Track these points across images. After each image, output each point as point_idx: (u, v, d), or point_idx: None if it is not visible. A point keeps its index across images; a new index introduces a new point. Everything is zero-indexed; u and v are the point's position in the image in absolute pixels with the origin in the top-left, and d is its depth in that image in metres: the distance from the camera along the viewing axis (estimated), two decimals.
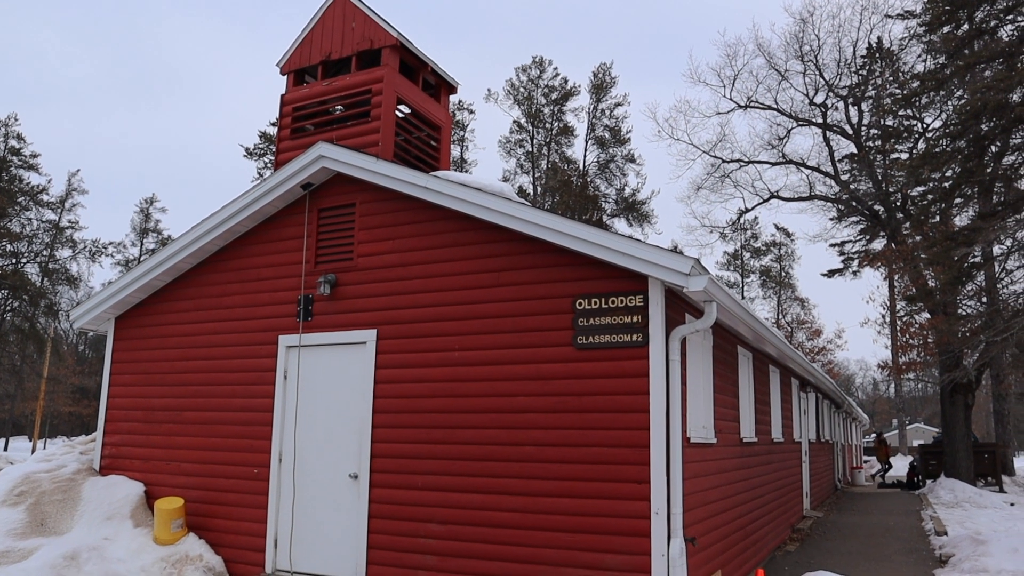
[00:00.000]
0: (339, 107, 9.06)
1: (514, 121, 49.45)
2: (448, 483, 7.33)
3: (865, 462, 41.34)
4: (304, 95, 9.13)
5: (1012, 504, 19.08)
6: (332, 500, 7.98)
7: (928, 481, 24.71)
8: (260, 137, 47.64)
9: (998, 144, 17.69)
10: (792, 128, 30.86)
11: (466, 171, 44.85)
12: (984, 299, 21.84)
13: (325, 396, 8.26)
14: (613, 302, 6.82)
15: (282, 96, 9.26)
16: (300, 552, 8.05)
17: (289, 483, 8.25)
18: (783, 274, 57.87)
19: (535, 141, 49.14)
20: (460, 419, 7.39)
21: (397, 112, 8.90)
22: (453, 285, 7.66)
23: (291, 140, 9.05)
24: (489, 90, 64.12)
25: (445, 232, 7.82)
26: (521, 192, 45.91)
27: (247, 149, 47.57)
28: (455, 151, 49.45)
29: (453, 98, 52.00)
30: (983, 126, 16.94)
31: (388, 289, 8.03)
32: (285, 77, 9.39)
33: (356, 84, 8.79)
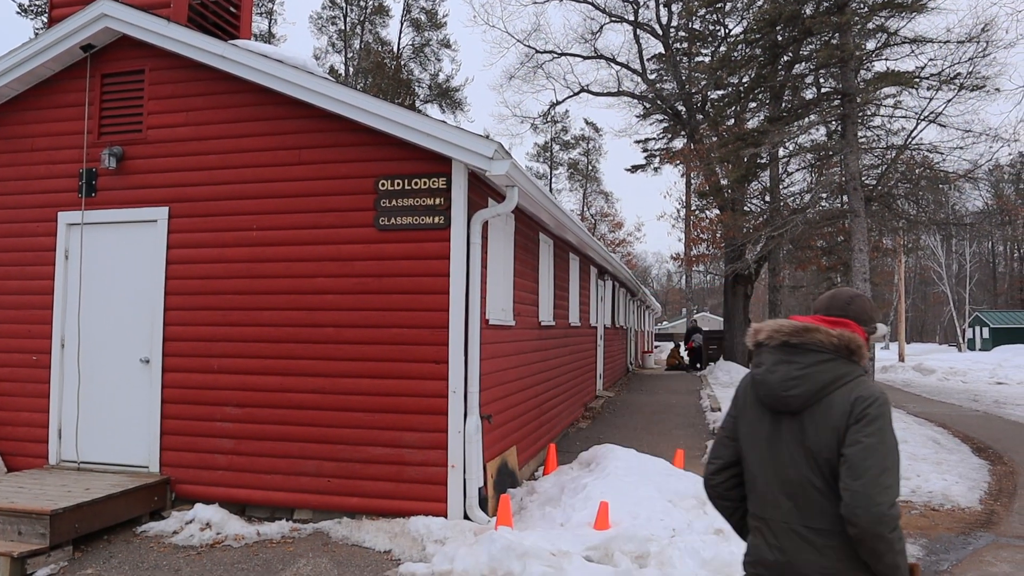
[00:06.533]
0: None
1: None
2: (246, 365, 7.19)
3: (656, 347, 44.52)
4: None
5: None
6: (122, 386, 7.64)
7: (710, 364, 27.07)
8: None
9: (790, 53, 18.84)
10: (605, 23, 31.35)
11: (275, 46, 42.36)
12: (767, 198, 23.68)
13: (113, 277, 7.77)
14: (416, 184, 6.79)
15: None
16: (88, 442, 7.69)
17: (74, 370, 7.79)
18: (590, 168, 59.65)
19: (348, 20, 46.97)
20: (258, 300, 7.21)
21: None
22: (252, 162, 7.32)
23: None
24: None
25: (244, 106, 7.40)
26: (333, 72, 43.99)
27: (21, 5, 42.23)
28: (263, 24, 46.40)
29: None
30: (778, 36, 17.95)
31: (181, 164, 7.55)
32: None
33: None
